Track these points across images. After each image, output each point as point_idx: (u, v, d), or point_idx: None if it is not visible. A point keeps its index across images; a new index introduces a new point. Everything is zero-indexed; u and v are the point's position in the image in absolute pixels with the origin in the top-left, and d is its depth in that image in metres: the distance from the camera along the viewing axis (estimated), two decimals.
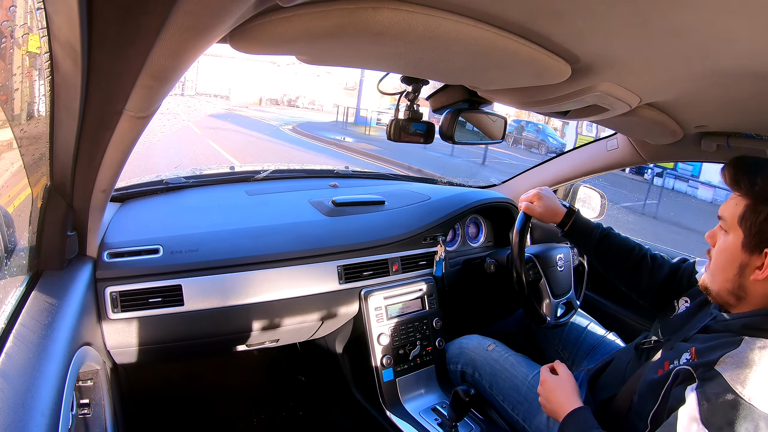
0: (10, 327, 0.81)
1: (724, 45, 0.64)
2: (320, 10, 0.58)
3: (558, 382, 1.20)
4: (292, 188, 1.93)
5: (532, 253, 1.74)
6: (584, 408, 1.12)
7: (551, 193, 1.55)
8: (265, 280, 1.43)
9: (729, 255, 0.97)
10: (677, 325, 1.18)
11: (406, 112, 1.27)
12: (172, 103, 13.57)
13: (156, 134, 7.99)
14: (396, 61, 0.84)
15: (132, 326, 1.28)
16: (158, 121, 8.34)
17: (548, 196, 1.54)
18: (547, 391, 1.20)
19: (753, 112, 1.07)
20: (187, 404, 2.04)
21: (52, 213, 0.97)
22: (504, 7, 0.60)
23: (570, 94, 0.95)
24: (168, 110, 11.14)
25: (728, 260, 0.97)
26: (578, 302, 1.82)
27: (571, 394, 1.16)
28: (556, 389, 1.19)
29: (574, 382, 1.20)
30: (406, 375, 1.66)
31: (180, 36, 0.52)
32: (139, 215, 1.53)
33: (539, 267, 1.71)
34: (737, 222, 0.95)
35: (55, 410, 0.72)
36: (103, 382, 1.09)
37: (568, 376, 1.22)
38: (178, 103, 16.64)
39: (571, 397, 1.15)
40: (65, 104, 0.71)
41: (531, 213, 1.54)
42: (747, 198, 0.95)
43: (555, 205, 1.52)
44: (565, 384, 1.19)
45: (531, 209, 1.54)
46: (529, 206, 1.54)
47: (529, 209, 1.54)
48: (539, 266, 1.71)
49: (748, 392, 0.81)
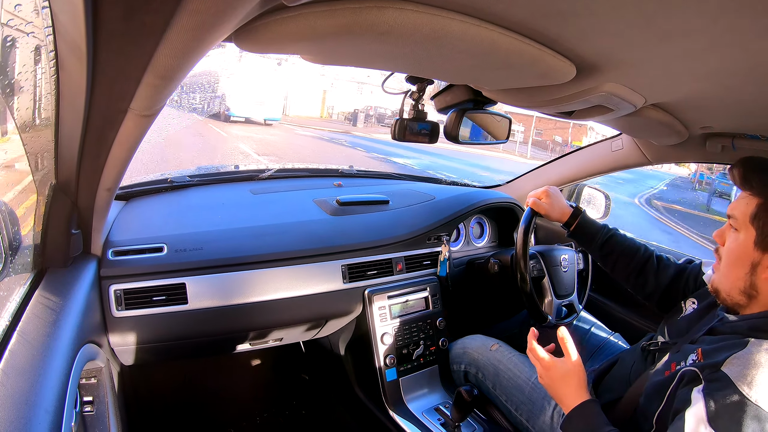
0: (14, 324, 0.81)
1: (729, 46, 0.64)
2: (325, 10, 0.58)
3: (566, 370, 1.13)
4: (296, 187, 1.93)
5: (536, 251, 1.74)
6: (593, 401, 1.07)
7: (559, 193, 1.56)
8: (269, 279, 1.43)
9: (740, 253, 0.96)
10: (684, 326, 1.17)
11: (411, 112, 1.27)
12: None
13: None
14: (401, 61, 0.84)
15: (136, 324, 1.28)
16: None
17: (556, 194, 1.54)
18: (553, 379, 1.15)
19: (758, 114, 1.07)
20: (191, 402, 2.04)
21: (56, 211, 0.97)
22: (509, 7, 0.59)
23: (575, 94, 0.95)
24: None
25: (739, 259, 0.96)
26: (581, 306, 1.82)
27: (579, 385, 1.11)
28: (564, 377, 1.13)
29: (582, 369, 1.14)
30: (410, 375, 1.66)
31: (185, 35, 0.52)
32: (144, 213, 1.53)
33: (543, 264, 1.71)
34: (749, 220, 0.94)
35: (58, 407, 0.73)
36: (106, 379, 1.09)
37: (577, 362, 1.14)
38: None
39: (579, 388, 1.10)
40: (70, 102, 0.71)
41: (538, 209, 1.54)
42: (759, 196, 0.94)
43: (562, 204, 1.53)
44: (572, 373, 1.13)
45: (538, 205, 1.54)
46: (537, 202, 1.54)
47: (536, 205, 1.54)
48: (543, 264, 1.72)
49: (755, 393, 0.80)
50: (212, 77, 12.52)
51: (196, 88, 11.80)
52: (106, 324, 1.25)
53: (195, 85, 11.36)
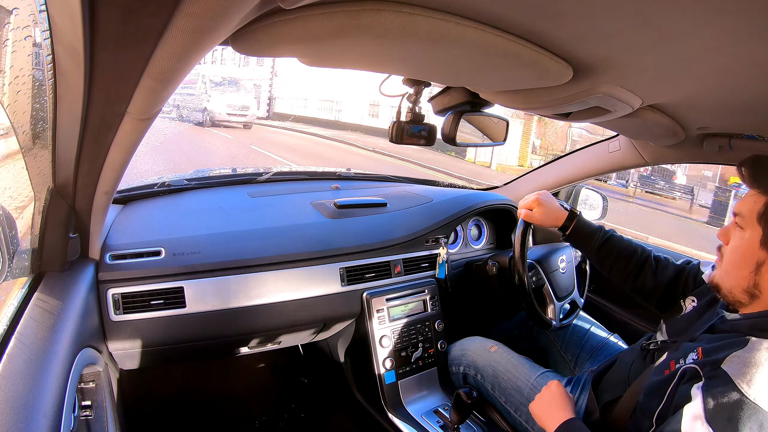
0: (12, 329, 0.81)
1: (725, 47, 0.64)
2: (322, 12, 0.58)
3: (547, 394, 1.21)
4: (294, 190, 1.93)
5: (534, 259, 1.73)
6: (575, 419, 1.12)
7: (550, 198, 1.53)
8: (267, 282, 1.43)
9: (745, 252, 0.96)
10: (683, 325, 1.17)
11: (408, 114, 1.27)
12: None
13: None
14: (398, 63, 0.84)
15: (134, 328, 1.28)
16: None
17: (547, 200, 1.52)
18: (537, 405, 1.21)
19: (755, 114, 1.07)
20: (189, 406, 2.04)
21: (54, 215, 0.97)
22: (505, 8, 0.60)
23: (572, 95, 0.95)
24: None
25: (744, 257, 0.96)
26: (582, 300, 1.82)
27: (562, 405, 1.16)
28: (546, 400, 1.19)
29: (564, 392, 1.20)
30: (409, 377, 1.66)
31: (182, 38, 0.52)
32: (142, 217, 1.53)
33: (542, 272, 1.71)
34: (756, 219, 0.94)
35: (56, 412, 0.73)
36: (105, 383, 1.09)
37: (557, 388, 1.22)
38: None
39: (562, 409, 1.15)
40: (68, 106, 0.71)
41: (531, 220, 1.53)
42: (767, 195, 0.94)
43: (555, 209, 1.51)
44: (554, 395, 1.19)
45: (530, 216, 1.52)
46: (529, 213, 1.52)
47: (529, 216, 1.53)
48: (542, 272, 1.71)
49: (753, 392, 0.81)
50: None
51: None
52: (105, 328, 1.24)
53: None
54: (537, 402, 1.22)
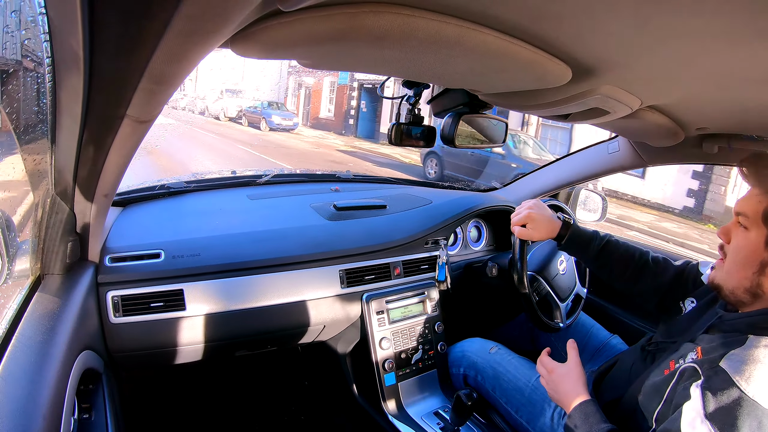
0: (12, 331, 0.81)
1: (725, 47, 0.64)
2: (321, 15, 0.58)
3: (565, 371, 1.19)
4: (293, 192, 1.93)
5: (534, 270, 1.72)
6: (591, 401, 1.10)
7: (542, 208, 1.50)
8: (267, 284, 1.43)
9: (749, 252, 0.95)
10: (683, 325, 1.17)
11: (407, 116, 1.27)
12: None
13: None
14: (397, 65, 0.84)
15: (134, 331, 1.28)
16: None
17: (540, 213, 1.47)
18: (554, 382, 1.19)
19: (754, 114, 1.07)
20: (189, 409, 2.03)
21: (53, 217, 0.97)
22: (504, 10, 0.60)
23: (571, 97, 0.95)
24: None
25: (748, 258, 0.95)
26: (585, 290, 1.82)
27: (577, 383, 1.15)
28: (563, 378, 1.18)
29: (581, 371, 1.18)
30: (409, 379, 1.66)
31: (181, 40, 0.52)
32: (141, 220, 1.53)
33: (544, 282, 1.70)
34: (761, 219, 0.93)
35: (56, 414, 0.73)
36: (104, 386, 1.09)
37: (575, 363, 1.20)
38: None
39: (578, 387, 1.14)
40: (67, 109, 0.71)
41: (526, 237, 1.50)
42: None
43: (548, 222, 1.47)
44: (572, 373, 1.18)
45: (525, 234, 1.48)
46: (522, 231, 1.48)
47: (523, 234, 1.49)
48: (544, 281, 1.70)
49: (752, 389, 0.81)
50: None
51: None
52: (104, 330, 1.24)
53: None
54: (552, 376, 1.21)
